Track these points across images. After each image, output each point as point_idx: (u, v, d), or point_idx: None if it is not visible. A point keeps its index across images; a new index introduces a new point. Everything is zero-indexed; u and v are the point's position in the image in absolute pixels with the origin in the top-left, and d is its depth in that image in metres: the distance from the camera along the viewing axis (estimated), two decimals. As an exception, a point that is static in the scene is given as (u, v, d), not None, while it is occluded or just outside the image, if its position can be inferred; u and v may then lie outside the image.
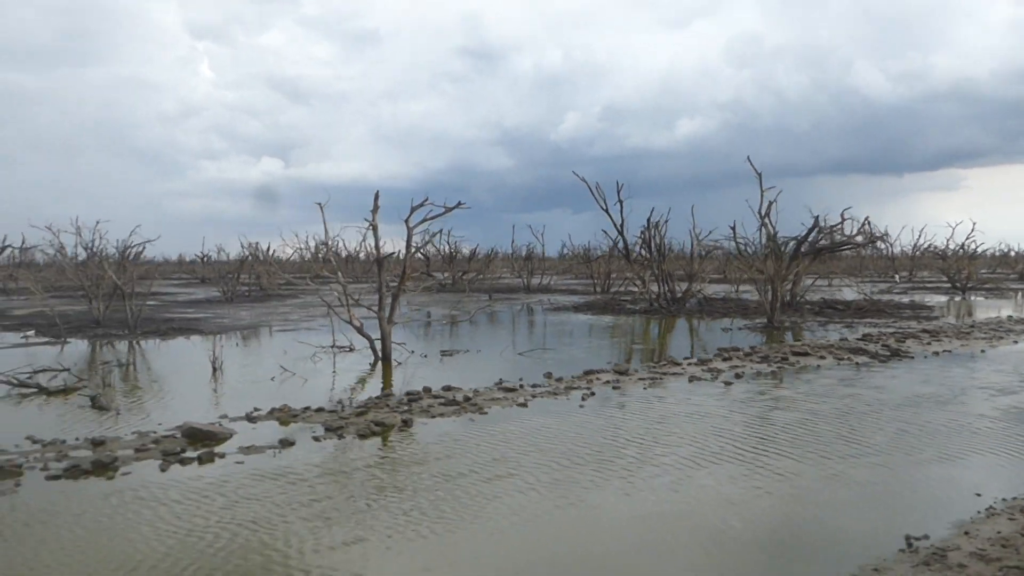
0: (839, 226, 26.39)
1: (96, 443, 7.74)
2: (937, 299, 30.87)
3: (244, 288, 34.06)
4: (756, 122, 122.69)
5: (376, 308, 13.83)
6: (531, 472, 6.77)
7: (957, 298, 32.00)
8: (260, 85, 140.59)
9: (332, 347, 15.01)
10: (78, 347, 16.61)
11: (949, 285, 37.09)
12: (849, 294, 31.02)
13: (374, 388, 11.28)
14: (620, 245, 27.50)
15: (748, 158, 24.82)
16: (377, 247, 14.10)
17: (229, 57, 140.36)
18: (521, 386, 10.95)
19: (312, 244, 55.37)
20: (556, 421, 8.87)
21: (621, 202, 26.56)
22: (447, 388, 10.65)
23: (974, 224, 42.91)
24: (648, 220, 25.92)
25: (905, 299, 29.87)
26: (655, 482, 6.46)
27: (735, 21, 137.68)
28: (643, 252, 27.67)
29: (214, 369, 12.50)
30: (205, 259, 55.48)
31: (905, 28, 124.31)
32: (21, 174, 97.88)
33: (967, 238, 37.66)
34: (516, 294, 35.49)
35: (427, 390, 10.49)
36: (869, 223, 26.35)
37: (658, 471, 6.78)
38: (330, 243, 15.22)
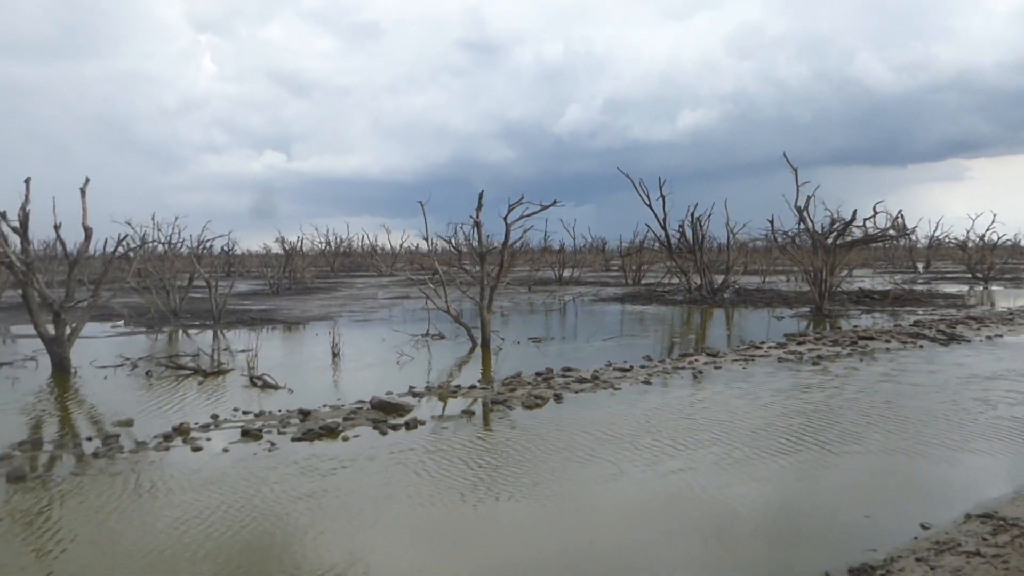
0: (872, 219, 27.55)
1: (304, 413, 8.90)
2: (960, 288, 32.12)
3: (286, 281, 35.13)
4: (758, 113, 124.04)
5: (477, 299, 14.98)
6: (719, 432, 7.96)
7: (979, 288, 33.25)
8: (262, 78, 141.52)
9: (426, 335, 16.17)
10: (172, 336, 17.71)
11: (970, 275, 38.35)
12: (873, 283, 32.25)
13: (490, 370, 12.42)
14: (663, 237, 28.64)
15: (784, 154, 25.99)
16: (480, 242, 15.24)
17: (231, 50, 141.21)
18: (631, 367, 12.12)
19: (329, 237, 56.33)
20: (692, 394, 10.06)
21: (663, 197, 27.72)
22: (567, 369, 11.82)
23: (994, 216, 44.18)
24: (692, 215, 27.09)
25: (932, 288, 31.11)
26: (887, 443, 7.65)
27: (736, 12, 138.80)
28: (681, 244, 28.87)
29: (334, 355, 13.65)
30: (229, 252, 56.23)
31: (907, 18, 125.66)
32: (21, 167, 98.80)
33: (987, 229, 39.12)
34: (550, 286, 36.61)
35: (549, 370, 11.66)
36: (902, 216, 27.53)
37: (886, 432, 7.97)
38: (430, 239, 16.25)
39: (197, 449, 7.48)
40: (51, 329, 12.59)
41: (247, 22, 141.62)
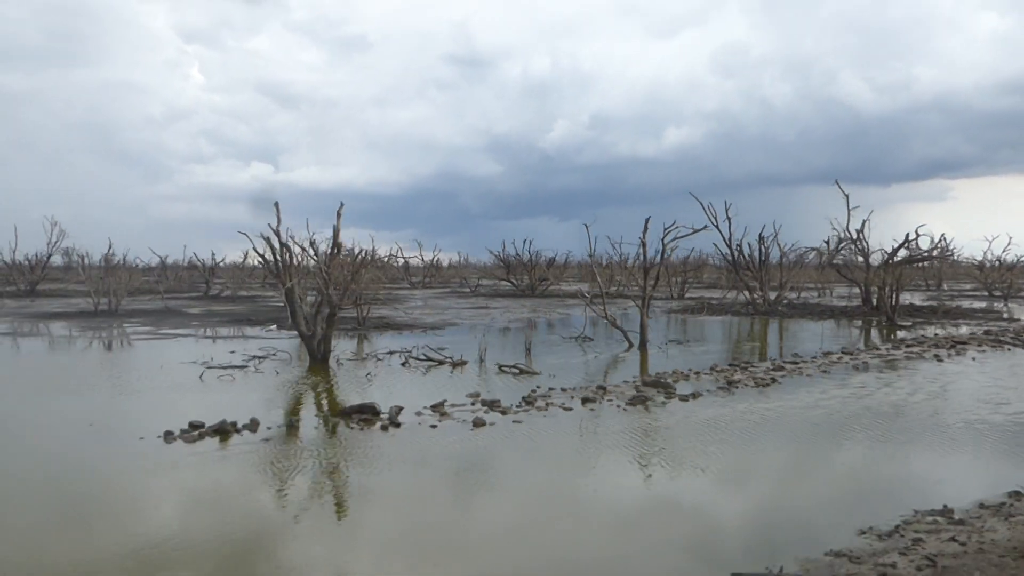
0: (915, 241, 31.01)
1: (600, 388, 11.78)
2: (985, 305, 35.60)
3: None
4: (742, 131, 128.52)
5: (639, 304, 17.96)
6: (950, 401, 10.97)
7: (1001, 305, 36.78)
8: (249, 90, 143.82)
9: (580, 337, 19.08)
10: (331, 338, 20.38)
11: (987, 293, 41.95)
12: (912, 299, 35.65)
13: (665, 365, 15.23)
14: (728, 255, 31.82)
15: (836, 182, 29.43)
16: (645, 256, 18.24)
17: (218, 61, 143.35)
18: (803, 359, 15.12)
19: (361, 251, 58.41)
20: (876, 379, 13.09)
21: (730, 219, 30.92)
22: (746, 362, 14.79)
23: (1010, 238, 48.16)
24: (760, 236, 30.37)
25: (961, 305, 34.56)
26: None
27: (721, 31, 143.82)
28: (741, 261, 32.09)
29: (527, 350, 16.49)
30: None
31: (889, 39, 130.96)
32: (7, 175, 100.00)
33: (1003, 250, 42.94)
34: (597, 299, 39.44)
35: (747, 362, 14.62)
36: (945, 239, 30.95)
37: None
38: (592, 256, 19.18)
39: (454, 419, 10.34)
40: (307, 330, 15.30)
41: (235, 33, 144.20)
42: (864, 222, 29.55)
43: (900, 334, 21.41)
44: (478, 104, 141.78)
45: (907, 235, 29.19)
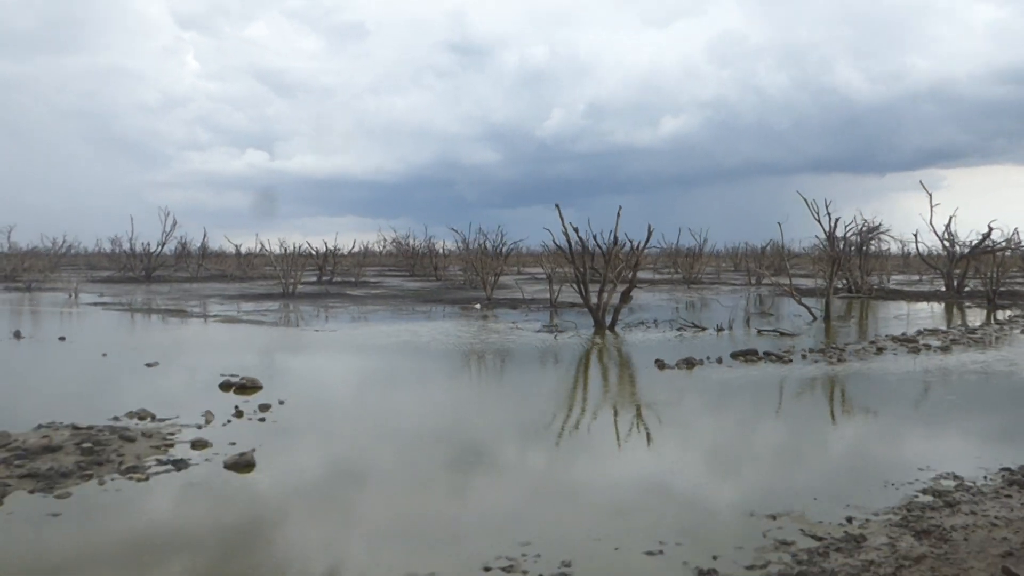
0: (989, 235, 36.52)
1: (871, 342, 17.00)
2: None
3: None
4: (738, 120, 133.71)
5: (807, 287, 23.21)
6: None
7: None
8: (245, 77, 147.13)
9: (760, 311, 24.30)
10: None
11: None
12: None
13: (850, 334, 20.47)
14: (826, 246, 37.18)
15: (921, 182, 34.91)
16: (832, 245, 23.45)
17: (214, 48, 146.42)
18: (914, 334, 20.45)
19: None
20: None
21: (830, 215, 36.26)
22: (902, 336, 20.09)
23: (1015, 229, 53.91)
24: (861, 229, 35.72)
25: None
26: None
27: (718, 20, 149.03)
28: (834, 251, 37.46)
29: (747, 320, 21.67)
30: (332, 251, 62.70)
31: (884, 29, 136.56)
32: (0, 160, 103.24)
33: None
34: (678, 286, 44.66)
35: (878, 336, 19.91)
36: (1018, 233, 36.51)
37: None
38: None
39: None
40: (594, 299, 20.40)
41: (231, 20, 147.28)
42: (951, 217, 35.12)
43: (1006, 314, 26.91)
44: (475, 92, 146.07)
45: (989, 228, 34.70)
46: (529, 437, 9.37)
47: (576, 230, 20.65)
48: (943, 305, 30.89)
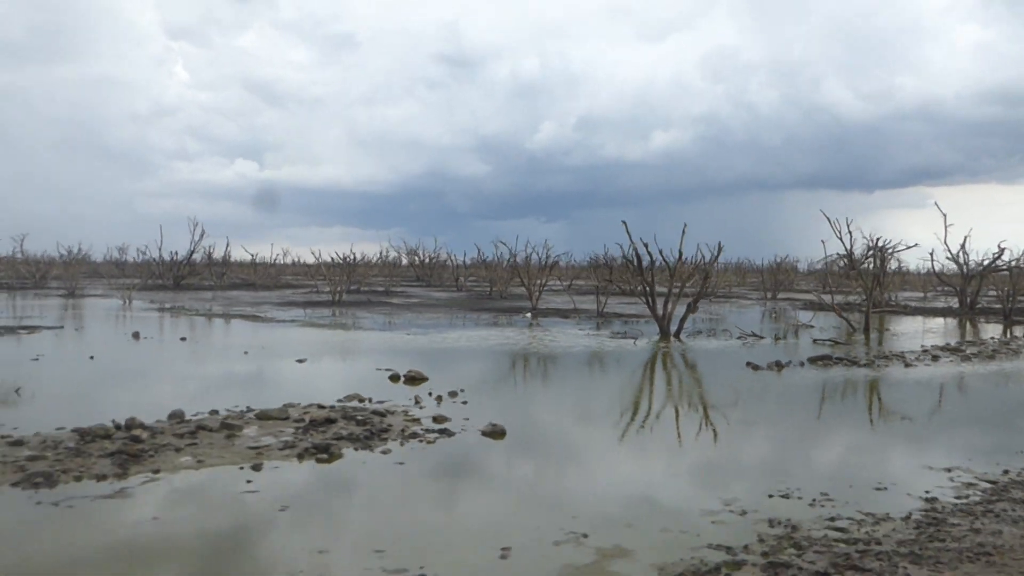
0: (1000, 255, 38.98)
1: (922, 349, 19.10)
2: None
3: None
4: (729, 136, 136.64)
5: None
6: None
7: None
8: (236, 87, 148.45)
9: (798, 325, 26.39)
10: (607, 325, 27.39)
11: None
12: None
13: (915, 343, 22.57)
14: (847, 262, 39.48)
15: (936, 203, 37.24)
16: (851, 263, 25.61)
17: (204, 58, 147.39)
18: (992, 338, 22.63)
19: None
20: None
21: (851, 232, 38.59)
22: (946, 346, 22.26)
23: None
24: (878, 244, 38.07)
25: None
26: None
27: (710, 36, 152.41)
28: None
29: (795, 329, 23.73)
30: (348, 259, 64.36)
31: (873, 48, 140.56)
32: None
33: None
34: (764, 302, 46.69)
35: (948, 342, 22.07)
36: (1025, 253, 39.00)
37: None
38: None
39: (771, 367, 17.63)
40: (660, 310, 22.39)
41: (222, 30, 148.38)
42: (966, 237, 37.70)
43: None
44: (466, 104, 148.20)
45: (1000, 248, 37.21)
46: (720, 411, 11.38)
47: (646, 246, 22.61)
48: (957, 321, 33.16)
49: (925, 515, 6.50)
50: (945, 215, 38.88)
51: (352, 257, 51.65)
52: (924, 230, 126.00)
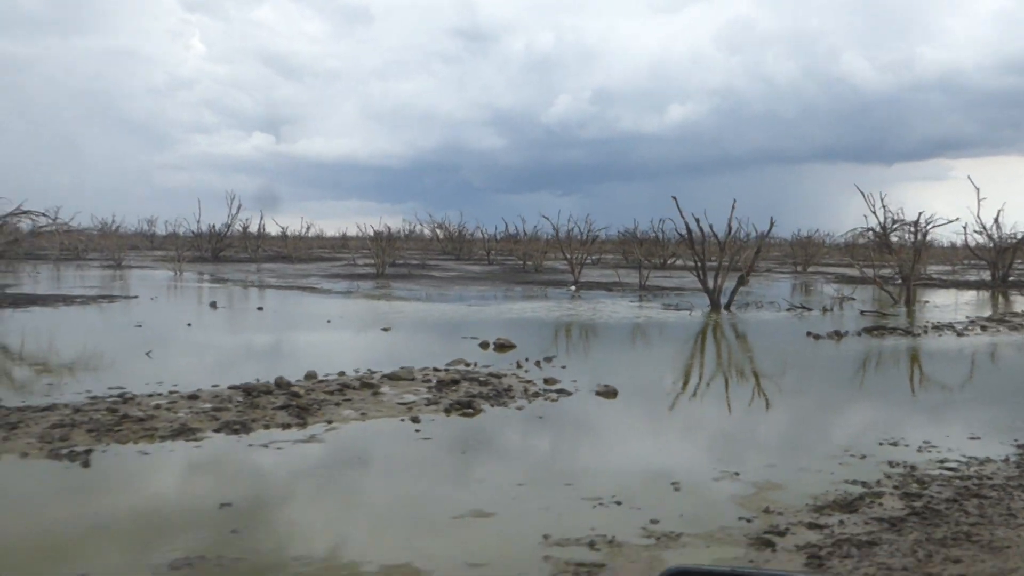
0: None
1: (967, 319, 19.99)
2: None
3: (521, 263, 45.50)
4: (746, 108, 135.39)
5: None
6: None
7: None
8: (252, 60, 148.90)
9: (842, 297, 27.27)
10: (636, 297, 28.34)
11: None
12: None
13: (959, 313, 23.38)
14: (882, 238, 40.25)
15: (969, 177, 37.77)
16: (886, 236, 26.40)
17: (221, 31, 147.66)
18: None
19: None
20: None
21: (885, 207, 39.30)
22: (991, 317, 23.10)
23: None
24: (915, 221, 38.81)
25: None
26: None
27: (727, 7, 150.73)
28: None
29: (840, 301, 24.60)
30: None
31: (892, 18, 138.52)
32: (7, 141, 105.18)
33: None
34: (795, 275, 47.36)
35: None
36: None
37: None
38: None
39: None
40: (711, 283, 23.31)
41: (237, 3, 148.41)
42: (999, 211, 38.37)
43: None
44: (481, 78, 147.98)
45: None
46: (803, 373, 12.44)
47: (697, 221, 23.47)
48: (990, 293, 33.91)
49: (1021, 458, 7.48)
50: (978, 189, 39.44)
51: (388, 231, 52.67)
52: (944, 203, 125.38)
